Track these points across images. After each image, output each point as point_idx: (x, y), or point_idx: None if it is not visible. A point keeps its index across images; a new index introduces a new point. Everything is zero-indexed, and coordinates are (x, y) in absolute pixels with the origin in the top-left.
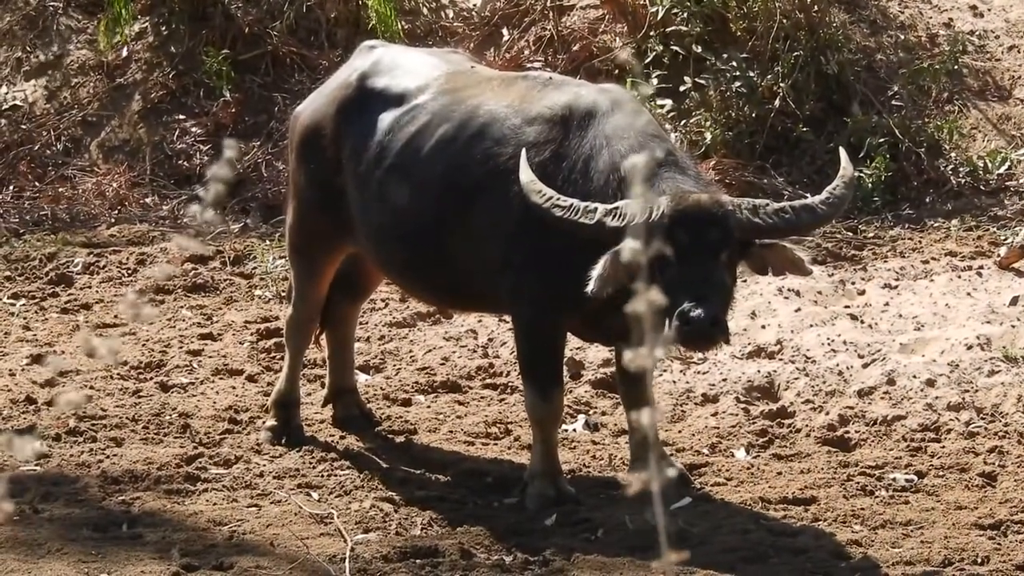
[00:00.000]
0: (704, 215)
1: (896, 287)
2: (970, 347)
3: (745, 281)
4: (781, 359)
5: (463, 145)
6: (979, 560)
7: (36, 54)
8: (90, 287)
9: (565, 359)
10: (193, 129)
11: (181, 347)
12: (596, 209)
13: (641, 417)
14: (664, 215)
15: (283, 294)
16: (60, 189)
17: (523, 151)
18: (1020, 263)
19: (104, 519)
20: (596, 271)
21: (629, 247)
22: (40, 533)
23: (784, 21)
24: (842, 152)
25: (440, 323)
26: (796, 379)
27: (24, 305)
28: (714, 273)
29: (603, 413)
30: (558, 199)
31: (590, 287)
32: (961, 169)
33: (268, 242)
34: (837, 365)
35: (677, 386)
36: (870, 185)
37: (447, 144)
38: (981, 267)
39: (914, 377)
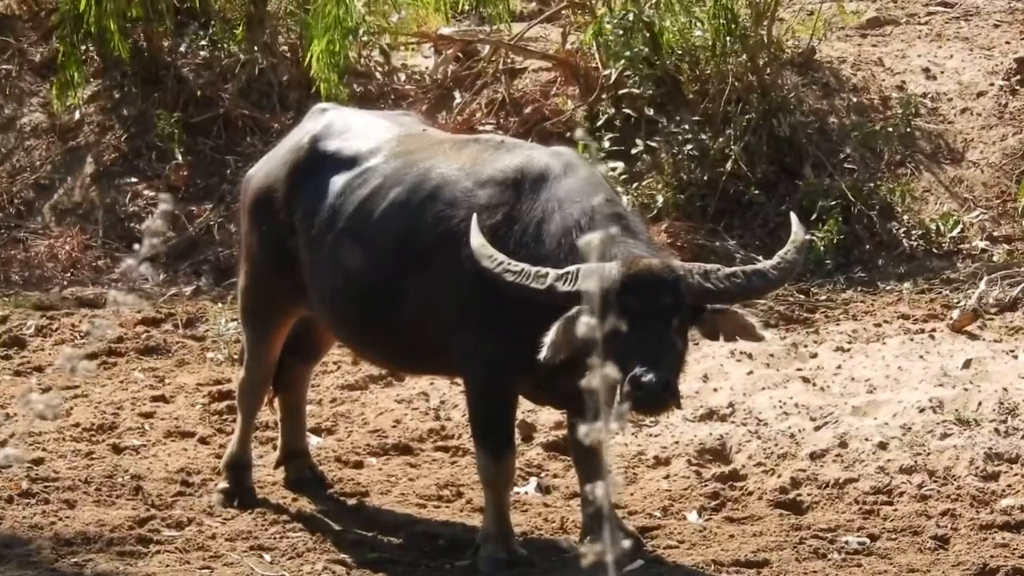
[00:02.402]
0: (655, 280)
1: (848, 350)
2: (922, 410)
3: (697, 344)
4: (733, 422)
5: (415, 208)
6: None
7: None
8: (43, 349)
9: (517, 421)
10: (145, 192)
11: (133, 409)
12: (547, 274)
13: (595, 489)
14: (615, 280)
15: (235, 356)
16: (12, 252)
17: (474, 216)
18: (972, 326)
19: None
20: (548, 338)
21: (584, 322)
22: None
23: (736, 84)
24: (793, 217)
25: (392, 385)
26: (748, 442)
27: None
28: (665, 338)
29: (555, 475)
30: (508, 264)
31: (542, 354)
32: (913, 232)
33: (220, 305)
34: (789, 428)
35: (629, 448)
36: (822, 248)
37: (399, 207)
38: (934, 330)
39: (866, 440)
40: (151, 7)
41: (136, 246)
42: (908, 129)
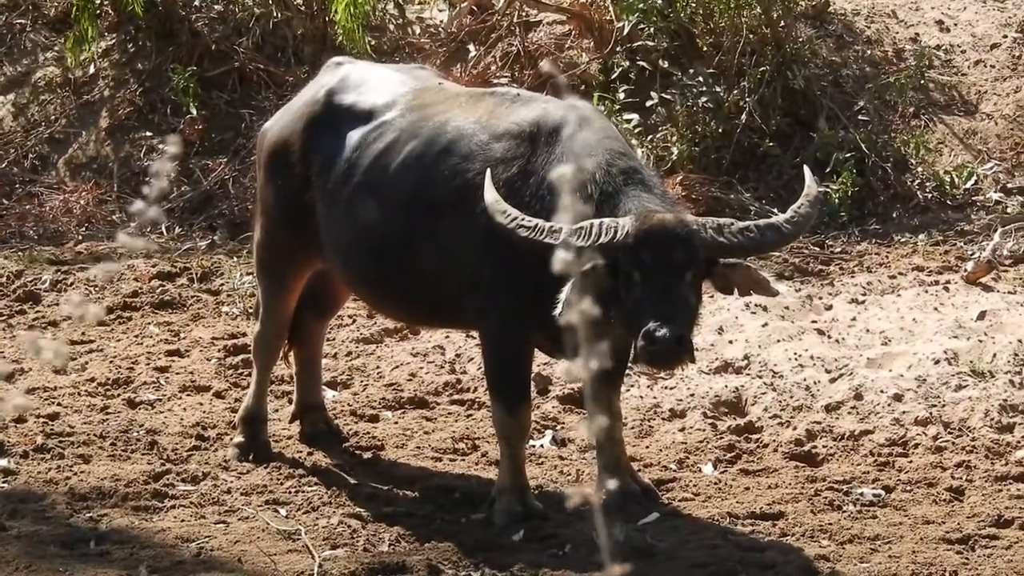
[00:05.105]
0: (669, 235)
1: (863, 302)
2: (937, 362)
3: (712, 296)
4: (748, 374)
5: (431, 161)
6: (947, 574)
7: (3, 71)
8: (57, 304)
9: (532, 374)
10: (160, 146)
11: (148, 364)
12: (561, 229)
13: (589, 426)
14: (629, 235)
15: (250, 310)
16: (27, 206)
17: (488, 170)
18: (987, 278)
19: (72, 536)
20: (563, 295)
21: (560, 257)
22: (8, 550)
23: (750, 36)
24: (807, 170)
25: (407, 339)
26: (763, 394)
27: None
28: (679, 293)
29: (570, 428)
30: (522, 219)
31: (557, 312)
32: (928, 184)
33: (235, 259)
34: (804, 380)
35: (644, 401)
36: (837, 200)
37: (415, 160)
38: (948, 282)
39: (881, 392)
40: None
41: (146, 191)
42: (922, 81)
